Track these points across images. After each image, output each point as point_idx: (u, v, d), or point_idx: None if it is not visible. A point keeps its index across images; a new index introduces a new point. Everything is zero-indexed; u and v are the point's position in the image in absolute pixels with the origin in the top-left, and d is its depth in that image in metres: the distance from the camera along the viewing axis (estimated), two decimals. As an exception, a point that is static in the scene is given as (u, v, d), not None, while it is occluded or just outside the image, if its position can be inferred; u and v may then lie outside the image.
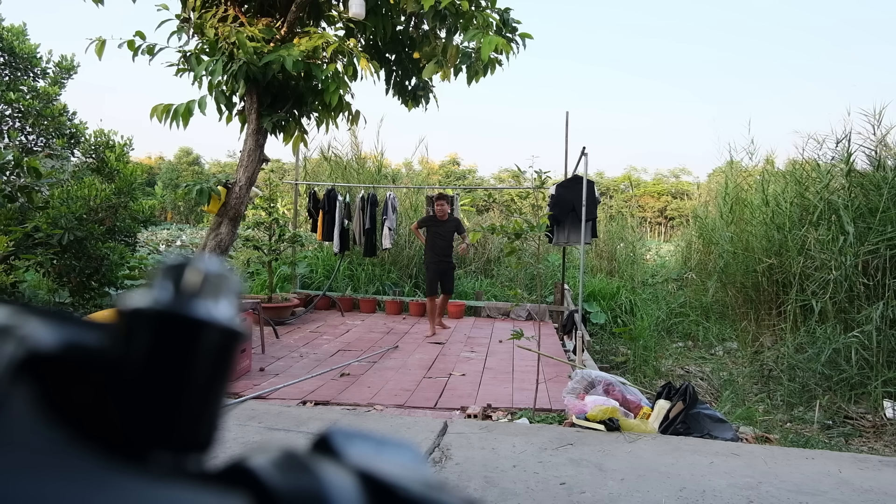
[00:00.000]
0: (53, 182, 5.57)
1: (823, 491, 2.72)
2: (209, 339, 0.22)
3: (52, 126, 6.66)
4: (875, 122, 6.09)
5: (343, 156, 10.34)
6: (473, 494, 2.53)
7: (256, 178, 5.01)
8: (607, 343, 7.28)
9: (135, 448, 0.21)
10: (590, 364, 4.99)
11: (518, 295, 4.32)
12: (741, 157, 8.69)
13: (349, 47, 4.57)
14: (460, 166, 38.94)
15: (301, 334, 6.43)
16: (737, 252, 7.38)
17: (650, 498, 2.60)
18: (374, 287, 8.68)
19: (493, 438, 3.26)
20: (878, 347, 4.87)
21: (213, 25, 4.43)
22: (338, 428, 0.23)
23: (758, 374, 5.71)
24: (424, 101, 5.74)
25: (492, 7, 4.66)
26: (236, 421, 3.39)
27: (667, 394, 3.70)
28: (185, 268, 0.23)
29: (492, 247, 10.11)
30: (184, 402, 0.21)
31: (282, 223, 7.40)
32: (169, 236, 16.57)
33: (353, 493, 0.20)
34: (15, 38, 7.11)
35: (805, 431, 4.35)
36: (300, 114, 5.01)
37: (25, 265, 5.30)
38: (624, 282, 9.10)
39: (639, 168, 46.47)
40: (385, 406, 4.00)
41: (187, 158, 45.22)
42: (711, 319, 7.60)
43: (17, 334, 0.21)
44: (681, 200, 31.65)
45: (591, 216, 5.97)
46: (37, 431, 0.20)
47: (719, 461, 3.03)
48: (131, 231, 6.10)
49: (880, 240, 5.41)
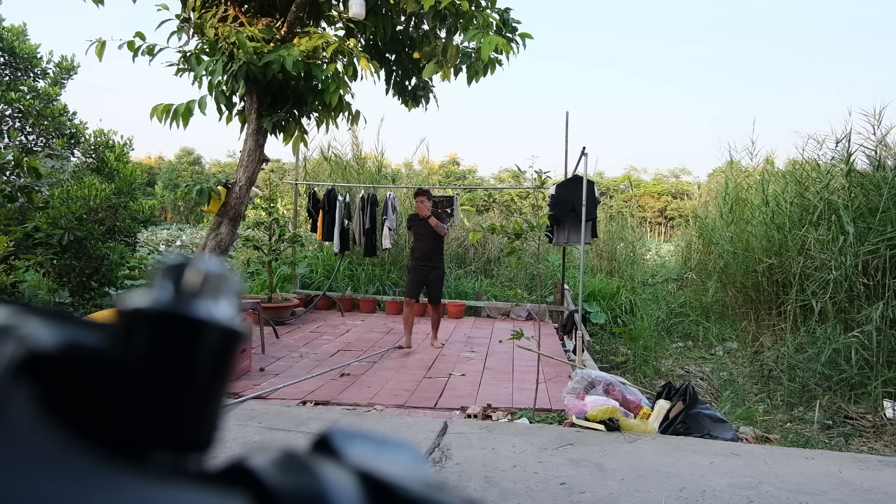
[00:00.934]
0: (53, 182, 5.57)
1: (823, 491, 2.72)
2: (209, 339, 0.22)
3: (52, 126, 6.66)
4: (875, 122, 6.09)
5: (343, 156, 10.34)
6: (473, 494, 2.53)
7: (256, 178, 5.01)
8: (607, 343, 7.28)
9: (135, 448, 0.21)
10: (590, 364, 4.99)
11: (518, 295, 4.32)
12: (741, 157, 8.71)
13: (349, 47, 4.57)
14: (460, 166, 38.96)
15: (301, 334, 6.43)
16: (737, 252, 7.38)
17: (650, 498, 2.60)
18: (374, 287, 8.68)
19: (493, 438, 3.26)
20: (878, 347, 4.87)
21: (213, 25, 4.43)
22: (338, 428, 0.23)
23: (758, 374, 5.71)
24: (424, 101, 5.74)
25: (492, 7, 4.66)
26: (236, 421, 3.39)
27: (667, 394, 3.70)
28: (185, 268, 0.23)
29: (492, 247, 10.11)
30: (184, 402, 0.21)
31: (282, 223, 7.40)
32: (169, 236, 16.57)
33: (353, 493, 0.20)
34: (15, 39, 7.11)
35: (805, 431, 4.35)
36: (300, 114, 5.01)
37: (25, 265, 5.30)
38: (624, 282, 9.10)
39: (639, 168, 46.51)
40: (385, 406, 4.00)
41: (188, 158, 45.23)
42: (711, 319, 7.60)
43: (17, 334, 0.21)
44: (681, 200, 31.66)
45: (591, 216, 5.97)
46: (37, 431, 0.20)
47: (719, 461, 3.03)
48: (131, 231, 6.10)
49: (880, 240, 5.41)
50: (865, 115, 6.14)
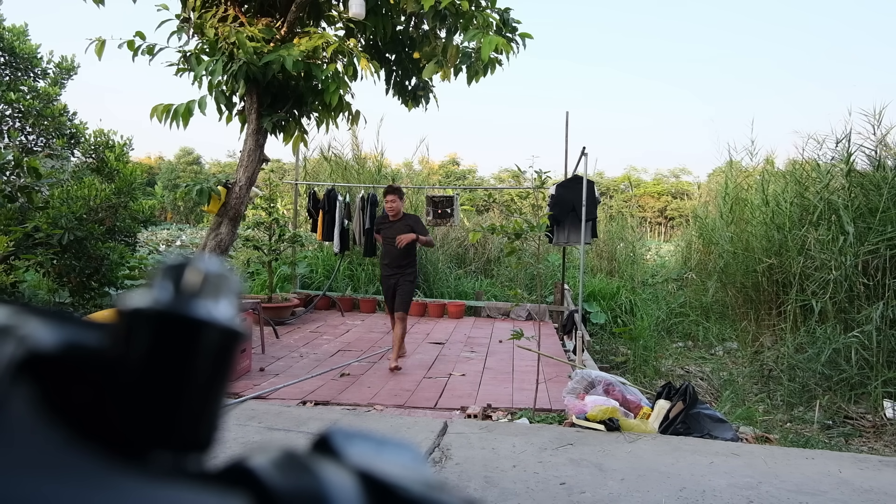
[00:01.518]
0: (53, 182, 5.57)
1: (823, 491, 2.72)
2: (209, 339, 0.22)
3: (52, 126, 6.66)
4: (875, 123, 6.09)
5: (343, 156, 10.34)
6: (473, 494, 2.53)
7: (256, 178, 5.01)
8: (607, 343, 7.28)
9: (135, 448, 0.21)
10: (590, 364, 4.99)
11: (518, 295, 4.32)
12: (741, 157, 8.71)
13: (349, 47, 4.57)
14: (460, 166, 38.96)
15: (301, 334, 6.43)
16: (737, 252, 7.38)
17: (650, 498, 2.60)
18: (374, 287, 8.67)
19: (493, 438, 3.26)
20: (878, 347, 4.87)
21: (213, 25, 4.43)
22: (338, 428, 0.23)
23: (758, 374, 5.71)
24: (424, 101, 5.74)
25: (492, 7, 4.66)
26: (236, 421, 3.39)
27: (667, 394, 3.70)
28: (185, 268, 0.23)
29: (492, 247, 10.11)
30: (184, 402, 0.21)
31: (282, 223, 7.40)
32: (169, 236, 16.57)
33: (353, 493, 0.20)
34: (15, 39, 7.11)
35: (805, 431, 4.35)
36: (300, 114, 5.00)
37: (25, 265, 5.30)
38: (624, 282, 9.10)
39: (639, 168, 46.48)
40: (385, 406, 4.00)
41: (187, 158, 45.21)
42: (711, 319, 7.60)
43: (17, 334, 0.21)
44: (681, 200, 31.66)
45: (591, 216, 5.98)
46: (37, 431, 0.20)
47: (719, 461, 3.03)
48: (131, 231, 6.10)
49: (880, 240, 5.41)
50: (865, 115, 6.15)
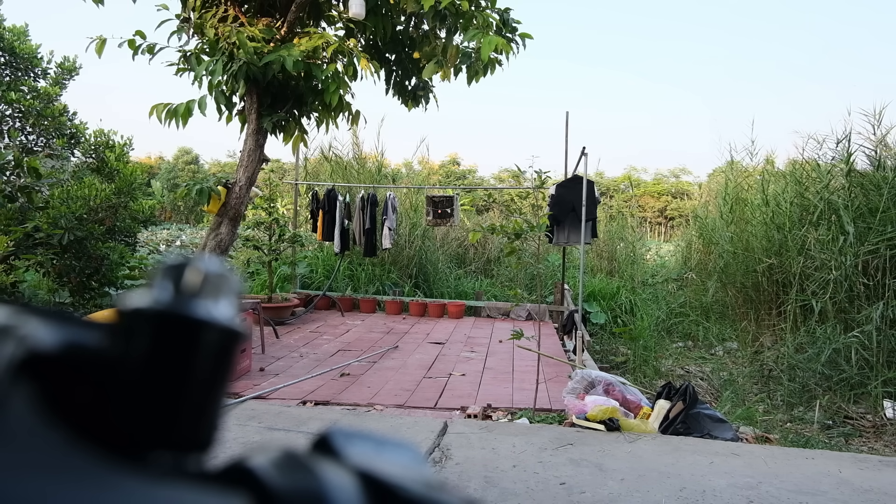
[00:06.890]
0: (53, 182, 5.57)
1: (823, 491, 2.72)
2: (209, 339, 0.22)
3: (53, 126, 6.65)
4: (875, 122, 6.09)
5: (343, 156, 10.34)
6: (473, 494, 2.53)
7: (256, 178, 5.01)
8: (607, 343, 7.28)
9: (135, 448, 0.21)
10: (590, 364, 4.99)
11: (518, 295, 4.32)
12: (741, 157, 8.71)
13: (349, 47, 4.57)
14: (460, 166, 38.92)
15: (301, 334, 6.43)
16: (737, 252, 7.38)
17: (650, 498, 2.60)
18: (374, 287, 8.67)
19: (493, 438, 3.26)
20: (878, 347, 4.87)
21: (213, 25, 4.43)
22: (338, 428, 0.23)
23: (758, 374, 5.71)
24: (424, 101, 5.74)
25: (492, 7, 4.66)
26: (236, 421, 3.39)
27: (667, 394, 3.70)
28: (185, 268, 0.23)
29: (492, 247, 10.12)
30: (184, 403, 0.21)
31: (282, 223, 7.40)
32: (169, 236, 16.56)
33: (353, 493, 0.20)
34: (16, 39, 7.11)
35: (805, 431, 4.35)
36: (300, 114, 5.01)
37: (25, 265, 5.30)
38: (624, 282, 9.10)
39: (639, 168, 46.42)
40: (385, 406, 4.00)
41: (185, 158, 45.15)
42: (711, 319, 7.60)
43: (17, 334, 0.21)
44: (681, 200, 31.65)
45: (591, 216, 5.98)
46: (37, 431, 0.20)
47: (719, 461, 3.03)
48: (131, 231, 6.10)
49: (880, 240, 5.41)
50: (865, 115, 6.15)
